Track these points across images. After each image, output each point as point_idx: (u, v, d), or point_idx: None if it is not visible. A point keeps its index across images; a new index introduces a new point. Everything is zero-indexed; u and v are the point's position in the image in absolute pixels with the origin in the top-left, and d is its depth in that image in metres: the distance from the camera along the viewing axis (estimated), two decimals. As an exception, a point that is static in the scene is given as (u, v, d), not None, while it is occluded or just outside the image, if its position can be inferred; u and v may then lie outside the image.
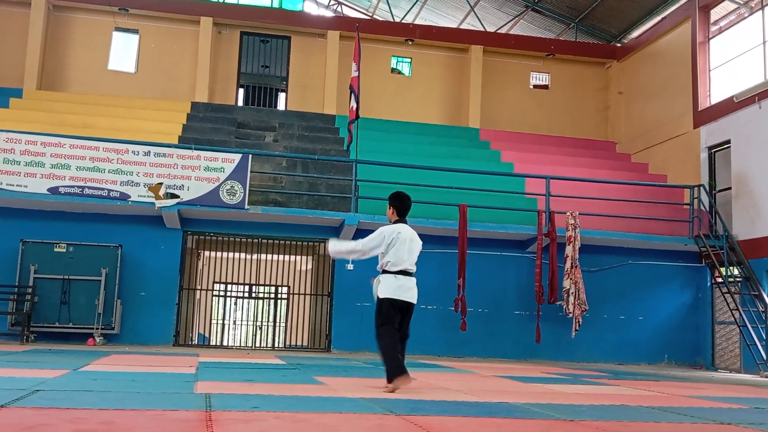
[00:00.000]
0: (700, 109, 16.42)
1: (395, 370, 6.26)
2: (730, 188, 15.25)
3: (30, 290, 12.52)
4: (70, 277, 12.76)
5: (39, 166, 12.63)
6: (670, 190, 16.49)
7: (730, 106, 15.29)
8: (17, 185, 12.50)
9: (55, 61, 18.50)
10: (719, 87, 16.38)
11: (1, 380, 5.90)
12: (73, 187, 12.70)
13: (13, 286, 12.65)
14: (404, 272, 6.63)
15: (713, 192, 15.71)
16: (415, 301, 6.71)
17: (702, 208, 15.06)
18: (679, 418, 5.27)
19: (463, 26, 23.41)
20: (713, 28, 16.89)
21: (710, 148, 16.01)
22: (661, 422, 4.98)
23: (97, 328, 12.67)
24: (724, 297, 13.95)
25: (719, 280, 14.41)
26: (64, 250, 12.86)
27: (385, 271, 6.64)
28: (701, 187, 15.18)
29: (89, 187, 12.73)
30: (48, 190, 12.61)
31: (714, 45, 16.79)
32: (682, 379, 10.61)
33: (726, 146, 15.53)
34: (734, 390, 8.68)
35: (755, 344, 13.16)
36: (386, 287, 6.59)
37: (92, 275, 12.83)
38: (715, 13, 16.93)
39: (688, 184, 15.57)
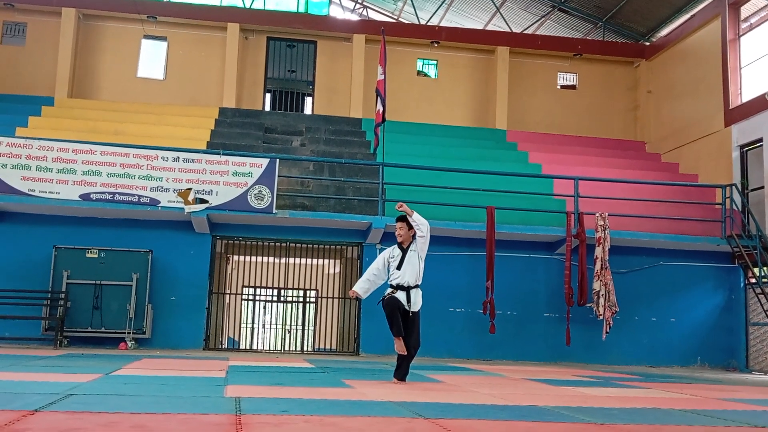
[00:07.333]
0: (731, 108, 16.18)
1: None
2: (762, 187, 14.99)
3: (63, 295, 12.72)
4: (102, 282, 12.94)
5: (71, 173, 12.82)
6: (701, 190, 16.27)
7: (762, 104, 15.04)
8: (50, 192, 12.71)
9: (85, 69, 18.78)
10: (750, 85, 16.13)
11: (35, 384, 6.00)
12: (104, 193, 12.88)
13: (47, 291, 12.85)
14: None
15: (745, 191, 15.46)
16: None
17: (734, 207, 14.83)
18: (712, 421, 5.19)
19: (489, 27, 23.33)
20: (743, 25, 16.64)
21: (742, 146, 15.77)
22: (694, 425, 4.91)
23: (129, 333, 12.83)
24: (757, 298, 13.73)
25: (752, 280, 14.18)
26: (96, 256, 13.05)
27: (417, 285, 7.59)
28: (733, 187, 14.96)
29: (120, 194, 12.90)
30: (80, 196, 12.80)
31: (744, 42, 16.54)
32: (716, 381, 10.45)
33: (758, 144, 15.28)
34: (769, 392, 8.52)
35: (791, 346, 12.95)
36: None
37: (123, 280, 12.99)
38: (746, 10, 16.68)
39: (719, 184, 15.35)
